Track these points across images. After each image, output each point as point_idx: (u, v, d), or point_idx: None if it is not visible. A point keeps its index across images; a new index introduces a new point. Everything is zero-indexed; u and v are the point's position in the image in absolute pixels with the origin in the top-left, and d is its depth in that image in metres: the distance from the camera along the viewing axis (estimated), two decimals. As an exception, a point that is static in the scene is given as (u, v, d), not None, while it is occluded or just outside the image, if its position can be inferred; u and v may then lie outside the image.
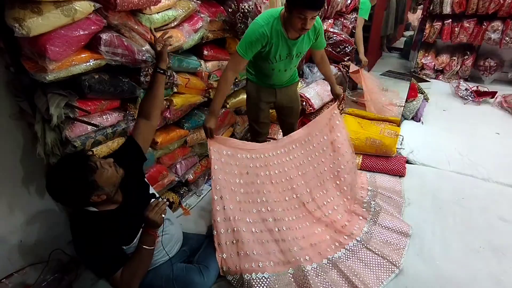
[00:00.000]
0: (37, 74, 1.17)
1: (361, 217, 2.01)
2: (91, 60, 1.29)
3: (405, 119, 3.30)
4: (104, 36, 1.29)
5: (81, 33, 1.22)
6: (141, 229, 1.27)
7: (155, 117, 1.45)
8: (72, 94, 1.30)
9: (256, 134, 2.15)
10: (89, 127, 1.37)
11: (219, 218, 1.67)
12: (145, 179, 1.48)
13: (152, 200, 1.28)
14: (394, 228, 1.91)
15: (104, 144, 1.48)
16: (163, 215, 1.25)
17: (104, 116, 1.43)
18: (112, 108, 1.48)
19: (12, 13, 1.07)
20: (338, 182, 2.12)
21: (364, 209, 2.08)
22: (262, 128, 2.11)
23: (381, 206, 2.10)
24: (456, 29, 4.42)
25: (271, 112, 2.16)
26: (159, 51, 1.44)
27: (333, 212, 2.03)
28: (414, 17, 6.05)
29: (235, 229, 1.68)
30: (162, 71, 1.44)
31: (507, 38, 4.12)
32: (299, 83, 2.11)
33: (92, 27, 1.25)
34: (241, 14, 1.96)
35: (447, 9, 4.39)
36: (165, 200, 1.30)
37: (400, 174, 2.49)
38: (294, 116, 2.17)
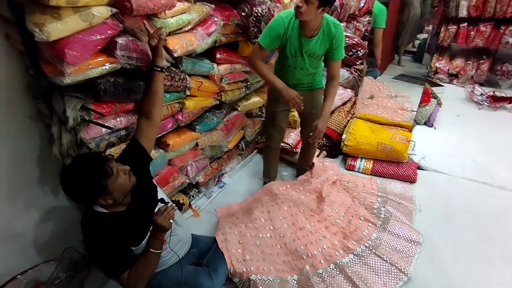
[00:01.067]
0: (55, 77, 1.20)
1: (370, 223, 1.99)
2: (107, 64, 1.31)
3: (418, 124, 3.25)
4: (120, 40, 1.32)
5: (98, 37, 1.24)
6: (149, 232, 1.29)
7: (156, 114, 1.41)
8: (88, 97, 1.33)
9: (269, 136, 2.16)
10: (104, 129, 1.39)
11: (226, 223, 1.70)
12: (153, 181, 1.49)
13: (161, 205, 1.29)
14: (404, 235, 1.89)
15: (117, 146, 1.50)
16: (171, 220, 1.27)
17: (118, 119, 1.46)
18: (126, 111, 1.51)
19: (32, 18, 1.09)
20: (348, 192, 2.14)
21: (373, 215, 2.07)
22: (275, 131, 2.12)
23: (391, 213, 2.08)
24: (472, 32, 4.33)
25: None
26: (154, 46, 1.37)
27: (345, 218, 2.03)
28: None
29: (241, 232, 1.71)
30: (159, 69, 1.39)
31: (525, 43, 4.02)
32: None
33: (109, 32, 1.28)
34: (254, 18, 1.96)
35: (463, 13, 4.31)
36: (173, 205, 1.32)
37: (411, 180, 2.46)
38: (316, 115, 2.08)
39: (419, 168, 2.59)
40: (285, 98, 1.80)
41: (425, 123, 3.29)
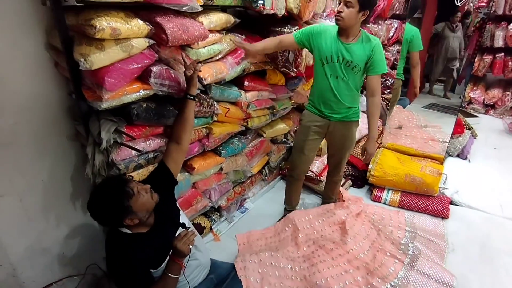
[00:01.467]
0: (94, 102, 1.29)
1: (397, 260, 1.88)
2: (141, 90, 1.40)
3: (450, 156, 3.10)
4: (155, 69, 1.40)
5: (135, 66, 1.33)
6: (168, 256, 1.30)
7: (185, 140, 1.48)
8: (122, 120, 1.41)
9: (293, 167, 2.11)
10: (133, 152, 1.46)
11: (246, 250, 1.68)
12: (177, 204, 1.51)
13: (182, 230, 1.31)
14: (434, 276, 1.77)
15: (145, 168, 1.56)
16: (191, 246, 1.27)
17: (147, 142, 1.53)
18: (155, 134, 1.58)
19: (79, 49, 1.20)
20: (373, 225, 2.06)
21: (400, 251, 1.96)
22: (301, 161, 2.07)
23: (420, 250, 1.96)
24: (510, 63, 4.18)
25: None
26: (190, 76, 1.45)
27: (369, 252, 1.94)
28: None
29: (261, 261, 1.68)
30: (192, 97, 1.47)
31: None
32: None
33: (145, 61, 1.37)
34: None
35: (499, 43, 4.20)
36: (194, 231, 1.33)
37: (443, 215, 2.32)
38: (344, 152, 2.06)
39: (451, 203, 2.45)
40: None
41: (458, 155, 3.14)
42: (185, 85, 1.51)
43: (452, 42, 3.79)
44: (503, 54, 4.22)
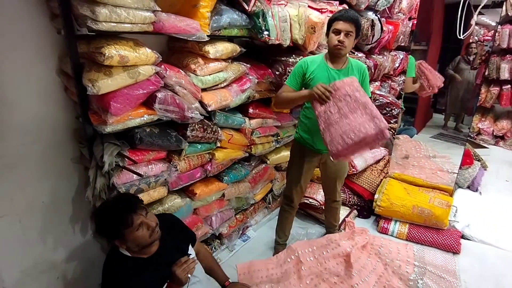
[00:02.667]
0: (99, 125, 1.32)
1: (406, 298, 1.78)
2: (145, 116, 1.42)
3: (460, 187, 3.02)
4: (160, 94, 1.43)
5: (141, 92, 1.37)
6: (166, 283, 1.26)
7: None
8: (125, 144, 1.43)
9: (291, 198, 2.05)
10: (135, 176, 1.46)
11: (247, 281, 1.62)
12: (189, 246, 1.47)
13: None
14: (446, 317, 1.66)
15: (145, 192, 1.55)
16: (189, 275, 1.23)
17: (149, 166, 1.53)
18: (158, 159, 1.58)
19: (88, 75, 1.25)
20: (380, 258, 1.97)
21: (410, 288, 1.85)
22: (298, 192, 2.03)
23: (430, 287, 1.85)
24: (517, 95, 4.16)
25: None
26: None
27: (376, 287, 1.85)
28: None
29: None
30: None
31: None
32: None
33: (151, 87, 1.40)
34: (287, 77, 2.05)
35: (505, 75, 4.22)
36: (195, 259, 1.29)
37: (454, 250, 2.22)
38: (338, 180, 2.07)
39: (463, 237, 2.35)
40: (316, 95, 1.56)
41: (468, 187, 3.05)
42: (189, 111, 1.53)
43: (468, 75, 3.80)
44: (509, 86, 4.23)
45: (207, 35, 1.57)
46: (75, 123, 1.49)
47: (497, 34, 4.11)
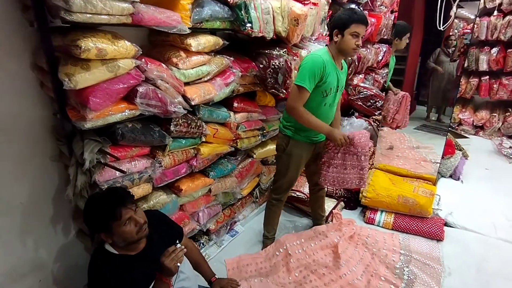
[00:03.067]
0: (78, 121, 1.27)
1: (392, 285, 1.82)
2: (126, 111, 1.39)
3: (442, 176, 3.10)
4: (141, 89, 1.40)
5: (121, 86, 1.33)
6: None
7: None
8: (106, 140, 1.39)
9: (283, 193, 2.05)
10: (117, 173, 1.42)
11: (236, 276, 1.62)
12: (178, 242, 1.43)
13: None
14: (431, 302, 1.70)
15: (129, 190, 1.51)
16: (179, 264, 1.22)
17: (132, 162, 1.49)
18: (141, 155, 1.55)
19: (64, 69, 1.20)
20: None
21: (395, 276, 1.89)
22: (291, 187, 2.05)
23: (416, 274, 1.90)
24: (495, 85, 4.30)
25: None
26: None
27: (363, 277, 1.87)
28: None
29: (251, 287, 1.60)
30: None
31: (553, 96, 3.91)
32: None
33: (131, 81, 1.36)
34: (271, 70, 2.05)
35: (483, 66, 4.34)
36: (183, 247, 1.27)
37: (438, 238, 2.27)
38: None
39: (446, 224, 2.41)
40: (333, 139, 1.77)
41: (450, 176, 3.13)
42: (172, 106, 1.50)
43: (448, 67, 3.88)
44: (488, 77, 4.35)
45: (189, 28, 1.54)
46: (53, 119, 1.44)
47: (475, 26, 4.21)
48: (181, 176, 1.79)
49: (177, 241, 1.38)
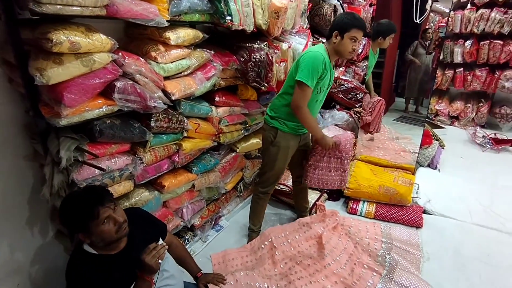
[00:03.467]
0: (52, 118, 1.22)
1: (374, 272, 1.87)
2: (104, 106, 1.34)
3: (421, 166, 3.20)
4: (119, 84, 1.35)
5: (97, 81, 1.28)
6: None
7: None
8: (84, 137, 1.34)
9: (270, 186, 2.06)
10: (97, 170, 1.38)
11: (221, 271, 1.62)
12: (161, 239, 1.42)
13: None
14: (411, 287, 1.76)
15: (110, 188, 1.47)
16: (160, 260, 1.20)
17: (112, 160, 1.45)
18: (121, 152, 1.51)
19: (35, 64, 1.14)
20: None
21: (378, 263, 1.95)
22: (277, 180, 2.07)
23: (397, 261, 1.96)
24: (469, 77, 4.45)
25: None
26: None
27: (347, 266, 1.92)
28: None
29: (237, 281, 1.61)
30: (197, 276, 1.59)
31: (521, 87, 4.11)
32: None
33: (108, 76, 1.32)
34: (252, 63, 2.04)
35: (458, 58, 4.48)
36: (164, 244, 1.26)
37: (417, 225, 2.35)
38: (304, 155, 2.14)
39: (424, 212, 2.50)
40: (323, 144, 1.89)
41: (428, 165, 3.23)
42: (152, 101, 1.47)
43: (425, 59, 3.98)
44: (462, 69, 4.50)
45: (167, 21, 1.50)
46: (25, 117, 1.37)
47: (450, 20, 4.33)
48: (163, 172, 1.76)
49: (159, 238, 1.36)
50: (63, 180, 1.32)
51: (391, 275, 1.84)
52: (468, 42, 4.35)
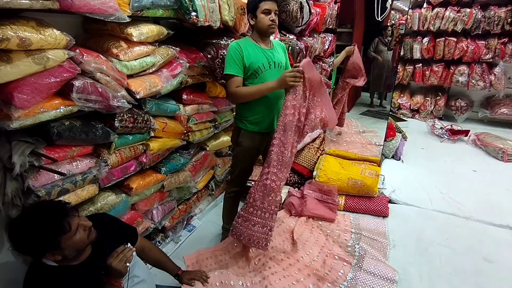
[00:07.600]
0: (1, 121, 1.13)
1: (345, 262, 1.93)
2: (62, 107, 1.26)
3: (386, 157, 3.34)
4: (77, 83, 1.28)
5: (52, 80, 1.20)
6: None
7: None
8: (40, 141, 1.25)
9: (239, 185, 2.05)
10: (56, 176, 1.30)
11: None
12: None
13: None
14: (379, 274, 1.84)
15: (72, 193, 1.40)
16: (128, 264, 1.16)
17: (74, 163, 1.37)
18: (83, 154, 1.43)
19: (-21, 61, 1.05)
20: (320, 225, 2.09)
21: (348, 253, 2.01)
22: (246, 178, 2.05)
23: (365, 250, 2.04)
24: (427, 72, 4.71)
25: None
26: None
27: (319, 258, 1.96)
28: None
29: (212, 282, 1.60)
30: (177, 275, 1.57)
31: (473, 81, 4.42)
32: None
33: (65, 75, 1.24)
34: (220, 60, 2.01)
35: (417, 55, 4.72)
36: (131, 247, 1.21)
37: (384, 214, 2.46)
38: None
39: (390, 202, 2.61)
40: (284, 83, 1.61)
41: (393, 157, 3.39)
42: (114, 100, 1.40)
43: (386, 56, 4.15)
44: (421, 64, 4.76)
45: (129, 16, 1.43)
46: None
47: (409, 18, 4.55)
48: (130, 174, 1.70)
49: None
50: (17, 188, 1.22)
51: (360, 264, 1.92)
52: (425, 39, 4.60)
